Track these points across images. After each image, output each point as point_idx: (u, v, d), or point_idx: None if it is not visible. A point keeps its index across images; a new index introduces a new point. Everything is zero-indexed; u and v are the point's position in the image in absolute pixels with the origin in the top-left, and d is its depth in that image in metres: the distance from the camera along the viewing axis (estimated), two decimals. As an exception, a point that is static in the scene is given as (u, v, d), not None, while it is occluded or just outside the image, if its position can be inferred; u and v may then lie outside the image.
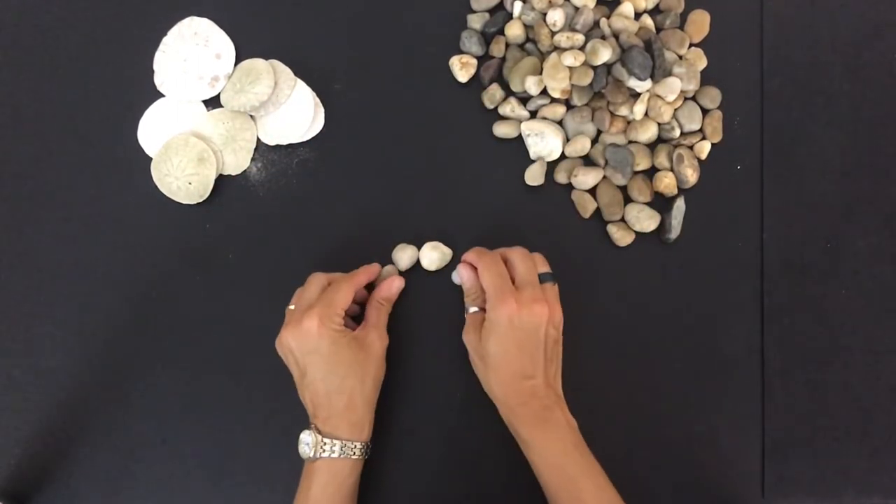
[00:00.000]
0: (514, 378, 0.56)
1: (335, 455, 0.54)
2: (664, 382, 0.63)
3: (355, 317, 0.62)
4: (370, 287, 0.62)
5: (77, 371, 0.64)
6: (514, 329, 0.55)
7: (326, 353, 0.55)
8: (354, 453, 0.55)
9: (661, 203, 0.65)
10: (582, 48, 0.63)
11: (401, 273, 0.64)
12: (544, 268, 0.59)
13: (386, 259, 0.64)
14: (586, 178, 0.63)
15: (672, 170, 0.64)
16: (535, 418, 0.55)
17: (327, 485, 0.54)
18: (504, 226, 0.65)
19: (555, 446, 0.55)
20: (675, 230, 0.63)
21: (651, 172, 0.65)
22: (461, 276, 0.62)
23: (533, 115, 0.65)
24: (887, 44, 0.67)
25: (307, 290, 0.58)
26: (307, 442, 0.55)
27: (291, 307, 0.59)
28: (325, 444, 0.54)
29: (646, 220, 0.63)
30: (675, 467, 0.62)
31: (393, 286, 0.62)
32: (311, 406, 0.57)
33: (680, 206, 0.63)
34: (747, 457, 0.62)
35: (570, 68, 0.62)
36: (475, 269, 0.60)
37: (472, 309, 0.60)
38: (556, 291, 0.59)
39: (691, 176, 0.64)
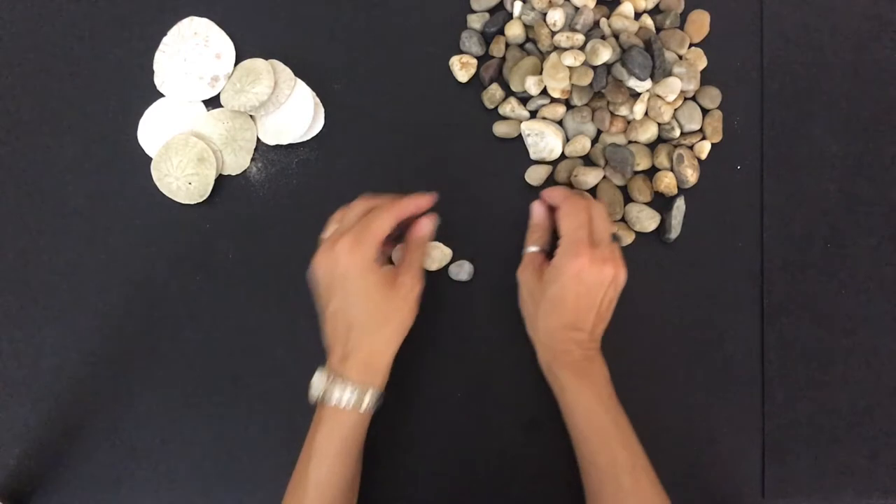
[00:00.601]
0: (563, 327, 0.56)
1: (345, 400, 0.51)
2: (664, 382, 0.63)
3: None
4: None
5: (77, 371, 0.64)
6: (579, 283, 0.54)
7: (355, 282, 0.52)
8: (364, 401, 0.52)
9: (660, 203, 0.65)
10: (582, 48, 0.63)
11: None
12: (612, 228, 0.59)
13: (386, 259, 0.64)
14: (586, 178, 0.63)
15: (672, 170, 0.64)
16: (575, 366, 0.55)
17: (332, 433, 0.52)
18: (504, 225, 0.65)
19: (590, 395, 0.55)
20: (675, 230, 0.64)
21: (651, 172, 0.65)
22: (534, 212, 0.61)
23: (533, 115, 0.65)
24: (887, 44, 0.67)
25: (349, 213, 0.55)
26: (317, 382, 0.53)
27: (327, 234, 0.56)
28: (335, 386, 0.52)
29: (646, 220, 0.63)
30: (675, 467, 0.62)
31: (426, 224, 0.58)
32: (330, 341, 0.54)
33: (680, 206, 0.63)
34: (747, 457, 0.62)
35: (570, 68, 0.62)
36: (550, 210, 0.60)
37: (532, 248, 0.60)
38: (620, 252, 0.58)
39: (691, 176, 0.64)
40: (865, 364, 0.64)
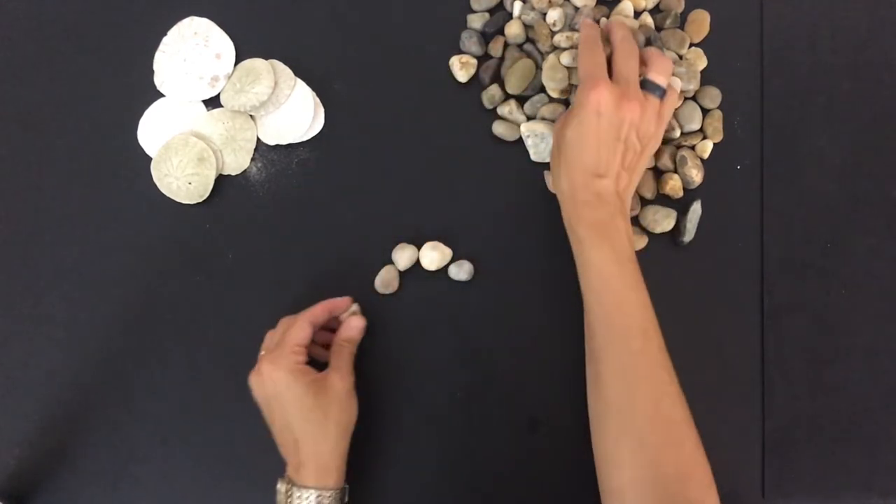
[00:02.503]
0: (584, 173, 0.53)
1: (306, 502, 0.53)
2: (664, 382, 0.63)
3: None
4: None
5: (77, 371, 0.64)
6: (598, 119, 0.52)
7: (286, 397, 0.54)
8: (325, 502, 0.53)
9: (666, 204, 0.65)
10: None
11: (401, 273, 0.64)
12: (660, 77, 0.55)
13: (385, 259, 0.64)
14: None
15: (676, 171, 0.64)
16: (596, 222, 0.53)
17: None
18: (504, 226, 0.65)
19: (608, 252, 0.53)
20: (689, 233, 0.63)
21: (655, 172, 0.65)
22: (548, 181, 0.59)
23: (532, 116, 0.65)
24: (887, 44, 0.67)
25: (273, 334, 0.58)
26: (280, 491, 0.54)
27: (263, 353, 0.58)
28: (293, 493, 0.53)
29: (663, 220, 0.63)
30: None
31: (352, 326, 0.60)
32: (283, 453, 0.56)
33: (696, 209, 0.63)
34: (747, 457, 0.62)
35: (569, 68, 0.62)
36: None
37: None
38: (657, 105, 0.55)
39: (696, 176, 0.63)
40: (865, 364, 0.64)
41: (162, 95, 0.67)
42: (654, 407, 0.52)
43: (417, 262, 0.63)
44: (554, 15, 0.64)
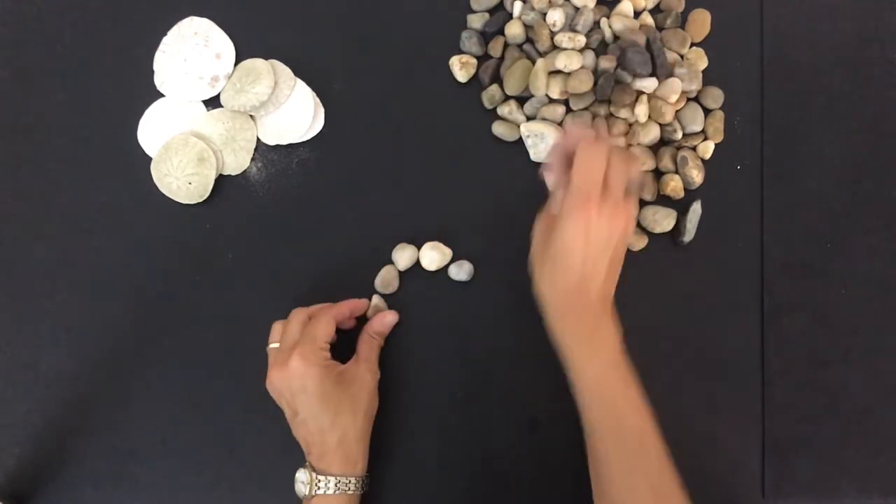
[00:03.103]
0: (568, 283, 0.53)
1: (330, 492, 0.54)
2: (664, 382, 0.63)
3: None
4: (363, 319, 0.62)
5: (77, 371, 0.64)
6: (586, 235, 0.51)
7: (315, 391, 0.55)
8: (349, 489, 0.55)
9: (667, 205, 0.65)
10: (581, 50, 0.63)
11: (401, 273, 0.64)
12: (634, 174, 0.55)
13: (385, 259, 0.64)
14: None
15: (677, 172, 0.64)
16: (584, 330, 0.53)
17: None
18: (505, 226, 0.65)
19: (598, 361, 0.53)
20: (689, 233, 0.63)
21: (655, 174, 0.65)
22: (548, 180, 0.57)
23: (532, 116, 0.65)
24: (887, 44, 0.67)
25: (289, 328, 0.58)
26: (302, 480, 0.55)
27: (273, 346, 0.58)
28: (319, 481, 0.54)
29: (663, 220, 0.63)
30: (676, 467, 0.62)
31: (385, 320, 0.62)
32: (305, 444, 0.57)
33: (696, 209, 0.63)
34: (747, 457, 0.62)
35: (566, 73, 0.63)
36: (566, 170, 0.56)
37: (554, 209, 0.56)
38: (634, 203, 0.55)
39: (697, 177, 0.63)
40: (865, 364, 0.64)
41: (162, 95, 0.67)
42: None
43: (417, 262, 0.63)
44: (554, 15, 0.64)
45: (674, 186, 0.64)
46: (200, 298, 0.64)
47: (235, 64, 0.66)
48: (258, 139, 0.66)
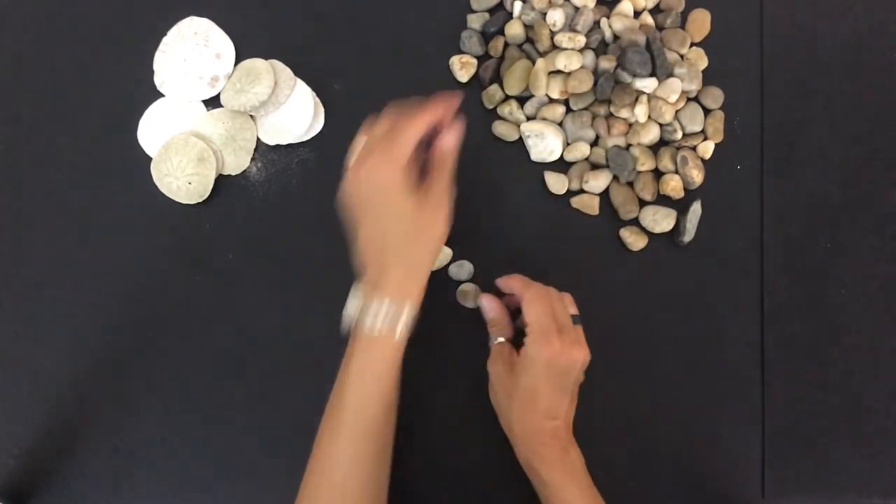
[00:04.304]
0: (538, 417, 0.55)
1: (381, 316, 0.50)
2: (664, 382, 0.63)
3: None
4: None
5: (77, 371, 0.64)
6: (551, 370, 0.54)
7: (387, 200, 0.51)
8: (402, 316, 0.51)
9: (667, 205, 0.65)
10: (581, 50, 0.63)
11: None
12: (573, 309, 0.58)
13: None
14: (598, 182, 0.63)
15: (677, 172, 0.64)
16: (555, 459, 0.54)
17: (367, 362, 0.51)
18: (505, 225, 0.65)
19: (574, 489, 0.54)
20: (689, 233, 0.63)
21: (655, 174, 0.65)
22: (486, 307, 0.60)
23: (532, 116, 0.65)
24: (887, 44, 0.67)
25: (376, 129, 0.54)
26: (352, 303, 0.51)
27: (357, 148, 0.54)
28: (371, 303, 0.51)
29: (663, 220, 0.63)
30: (676, 467, 0.62)
31: (455, 134, 0.55)
32: (364, 261, 0.53)
33: (696, 209, 0.63)
34: (747, 457, 0.62)
35: (566, 73, 0.63)
36: (498, 297, 0.60)
37: (499, 339, 0.59)
38: (583, 333, 0.57)
39: (697, 177, 0.63)
40: (865, 364, 0.64)
41: (162, 95, 0.67)
42: None
43: (417, 262, 0.63)
44: (554, 15, 0.64)
45: (674, 186, 0.64)
46: (200, 298, 0.64)
47: (235, 64, 0.66)
48: (258, 139, 0.66)
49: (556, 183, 0.64)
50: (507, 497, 0.62)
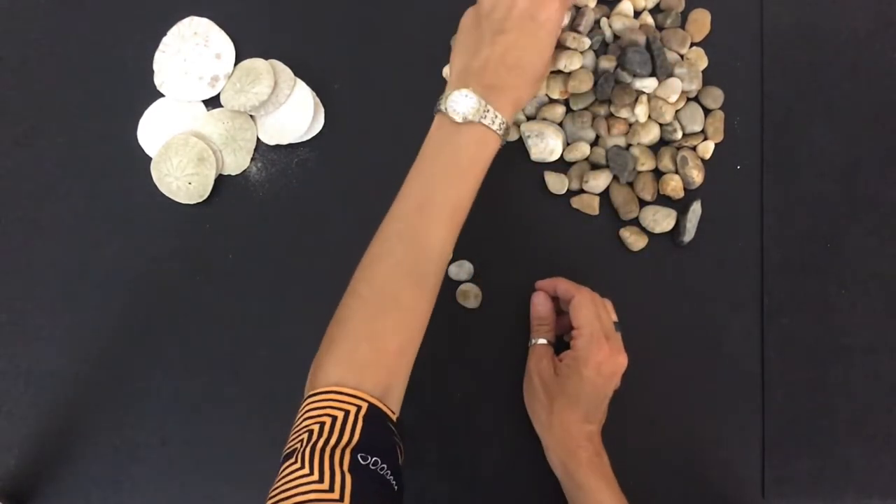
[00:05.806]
0: (578, 421, 0.56)
1: (496, 124, 0.52)
2: (664, 382, 0.63)
3: None
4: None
5: (76, 371, 0.64)
6: (598, 375, 0.55)
7: (547, 34, 0.54)
8: (507, 127, 0.53)
9: (667, 205, 0.65)
10: (581, 50, 0.63)
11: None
12: (614, 315, 0.59)
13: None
14: (598, 182, 0.63)
15: (677, 172, 0.64)
16: (590, 463, 0.56)
17: (480, 154, 0.53)
18: (505, 226, 0.65)
19: (608, 493, 0.55)
20: (689, 233, 0.63)
21: (655, 175, 0.65)
22: (537, 305, 0.61)
23: (532, 116, 0.65)
24: (887, 44, 0.67)
25: None
26: (467, 101, 0.51)
27: None
28: (489, 112, 0.52)
29: (663, 220, 0.63)
30: (676, 467, 0.62)
31: None
32: (479, 66, 0.54)
33: (696, 209, 0.63)
34: (747, 457, 0.62)
35: (566, 73, 0.62)
36: (553, 299, 0.60)
37: (540, 341, 0.60)
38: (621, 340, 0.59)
39: (697, 177, 0.63)
40: (865, 364, 0.64)
41: (162, 95, 0.67)
42: None
43: (417, 262, 0.63)
44: (554, 15, 0.63)
45: (674, 186, 0.64)
46: (200, 298, 0.64)
47: (235, 64, 0.66)
48: (258, 139, 0.66)
49: (556, 183, 0.64)
50: (507, 497, 0.62)
